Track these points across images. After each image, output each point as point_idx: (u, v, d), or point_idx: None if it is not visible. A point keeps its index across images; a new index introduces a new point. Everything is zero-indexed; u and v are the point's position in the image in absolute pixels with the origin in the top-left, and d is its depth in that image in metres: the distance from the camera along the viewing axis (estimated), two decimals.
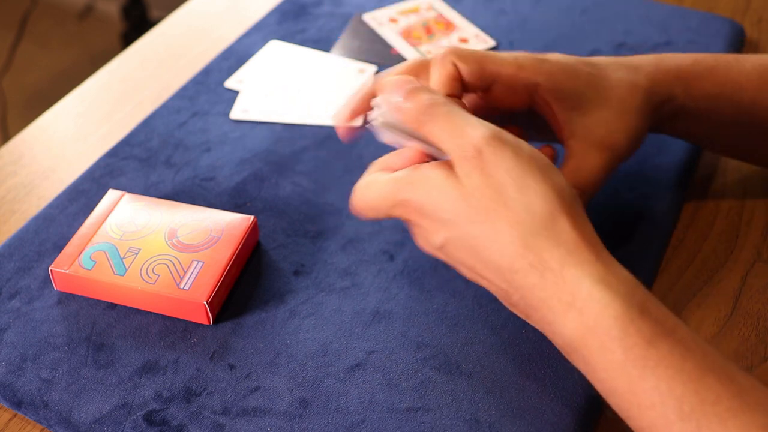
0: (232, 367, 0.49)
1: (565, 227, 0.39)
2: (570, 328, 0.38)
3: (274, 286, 0.54)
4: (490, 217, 0.40)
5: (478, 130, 0.41)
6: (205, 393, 0.47)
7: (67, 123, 0.71)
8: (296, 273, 0.54)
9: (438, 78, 0.48)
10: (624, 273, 0.39)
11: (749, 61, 0.53)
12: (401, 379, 0.48)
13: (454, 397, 0.46)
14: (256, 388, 0.48)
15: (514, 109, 0.51)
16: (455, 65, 0.48)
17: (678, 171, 0.61)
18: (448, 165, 0.42)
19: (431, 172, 0.42)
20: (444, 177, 0.41)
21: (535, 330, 0.49)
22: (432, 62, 0.49)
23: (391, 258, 0.55)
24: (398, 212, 0.44)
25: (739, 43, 0.74)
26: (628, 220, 0.57)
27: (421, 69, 0.50)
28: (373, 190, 0.45)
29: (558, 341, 0.40)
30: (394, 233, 0.56)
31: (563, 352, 0.41)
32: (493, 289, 0.43)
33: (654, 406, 0.36)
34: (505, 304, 0.43)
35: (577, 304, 0.38)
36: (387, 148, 0.65)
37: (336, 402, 0.47)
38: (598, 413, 0.47)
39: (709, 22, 0.76)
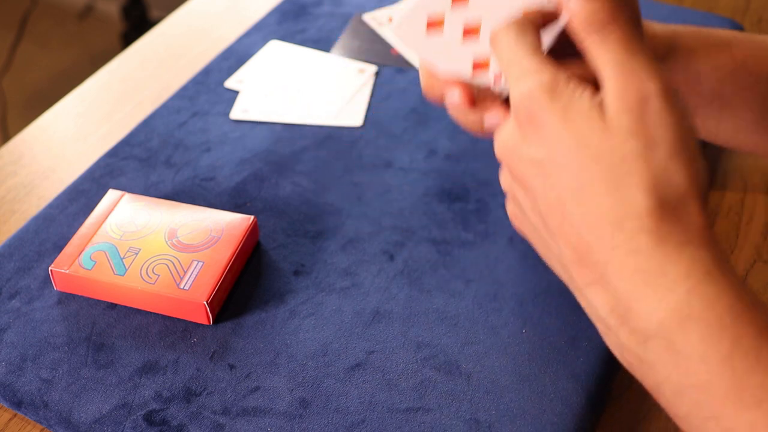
0: (232, 367, 0.49)
1: (695, 208, 0.35)
2: (667, 310, 0.34)
3: (274, 286, 0.54)
4: (624, 167, 0.35)
5: (655, 76, 0.36)
6: (205, 393, 0.47)
7: (67, 123, 0.71)
8: (296, 273, 0.54)
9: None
10: (733, 267, 0.36)
11: (760, 37, 0.53)
12: (401, 379, 0.48)
13: (454, 397, 0.47)
14: (256, 388, 0.48)
15: None
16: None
17: None
18: (596, 92, 0.37)
19: (578, 92, 0.36)
20: (590, 105, 0.36)
21: (535, 330, 0.49)
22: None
23: (391, 258, 0.55)
24: (512, 90, 0.38)
25: None
26: None
27: None
28: (513, 52, 0.38)
29: (636, 322, 0.35)
30: (394, 233, 0.57)
31: (630, 338, 0.36)
32: (561, 240, 0.37)
33: (760, 404, 0.32)
34: (563, 261, 0.38)
35: (689, 283, 0.34)
36: (386, 149, 0.65)
37: (336, 402, 0.47)
38: (598, 413, 0.47)
39: (709, 22, 0.76)
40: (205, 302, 0.50)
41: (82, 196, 0.61)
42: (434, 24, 0.42)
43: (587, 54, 0.38)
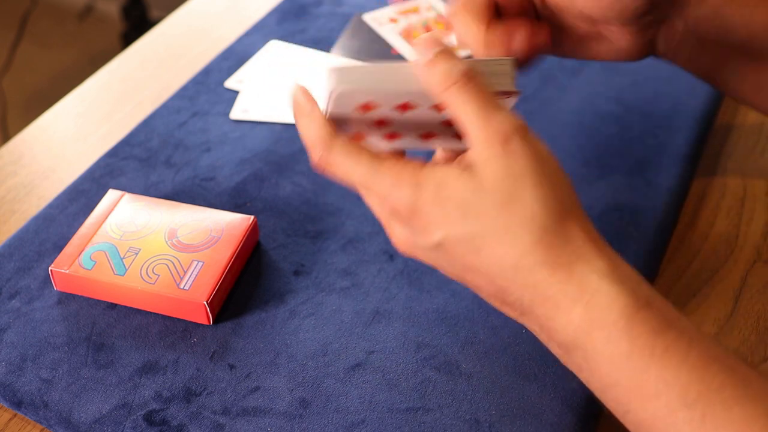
0: (232, 367, 0.49)
1: (574, 226, 0.39)
2: (575, 323, 0.38)
3: (274, 286, 0.54)
4: (503, 213, 0.39)
5: (509, 117, 0.39)
6: (205, 393, 0.47)
7: (67, 123, 0.71)
8: (296, 273, 0.54)
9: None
10: (629, 269, 0.40)
11: None
12: (401, 379, 0.48)
13: (454, 397, 0.46)
14: (256, 388, 0.48)
15: None
16: None
17: (678, 171, 0.61)
18: (459, 159, 0.41)
19: (441, 169, 0.40)
20: (458, 171, 0.40)
21: None
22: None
23: (391, 258, 0.55)
24: (385, 205, 0.42)
25: None
26: (629, 221, 0.57)
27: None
28: (356, 167, 0.41)
29: (558, 337, 0.40)
30: None
31: (559, 351, 0.41)
32: (485, 289, 0.42)
33: (659, 395, 0.36)
34: (494, 303, 0.42)
35: (584, 298, 0.38)
36: None
37: (336, 402, 0.47)
38: (598, 413, 0.47)
39: None
40: (205, 302, 0.50)
41: (82, 196, 0.61)
42: (366, 107, 0.44)
43: (446, 107, 0.41)
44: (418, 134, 0.45)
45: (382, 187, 0.41)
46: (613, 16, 0.48)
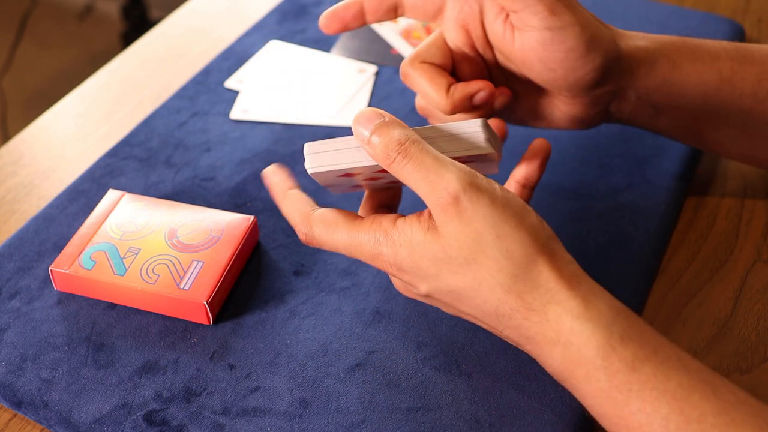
0: (232, 367, 0.49)
1: (543, 269, 0.40)
2: (557, 362, 0.40)
3: (274, 286, 0.54)
4: (471, 269, 0.41)
5: (454, 174, 0.40)
6: (205, 393, 0.47)
7: (67, 123, 0.71)
8: (296, 273, 0.54)
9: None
10: (605, 303, 0.40)
11: (721, 41, 0.53)
12: (401, 379, 0.48)
13: (454, 397, 0.47)
14: (256, 388, 0.48)
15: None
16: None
17: (678, 171, 0.61)
18: (422, 217, 0.42)
19: (409, 228, 0.42)
20: (423, 232, 0.41)
21: None
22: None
23: None
24: (375, 265, 0.44)
25: (739, 43, 0.74)
26: (628, 221, 0.57)
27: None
28: (344, 243, 0.44)
29: (549, 371, 0.42)
30: None
31: (557, 380, 0.42)
32: (482, 326, 0.44)
33: (641, 427, 0.37)
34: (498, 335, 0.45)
35: (561, 339, 0.39)
36: None
37: (336, 402, 0.47)
38: None
39: (709, 22, 0.76)
40: (205, 302, 0.50)
41: (82, 196, 0.61)
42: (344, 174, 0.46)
43: (398, 178, 0.42)
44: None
45: (365, 254, 0.44)
46: (565, 88, 0.49)
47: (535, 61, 0.48)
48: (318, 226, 0.45)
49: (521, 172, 0.48)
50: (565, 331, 0.39)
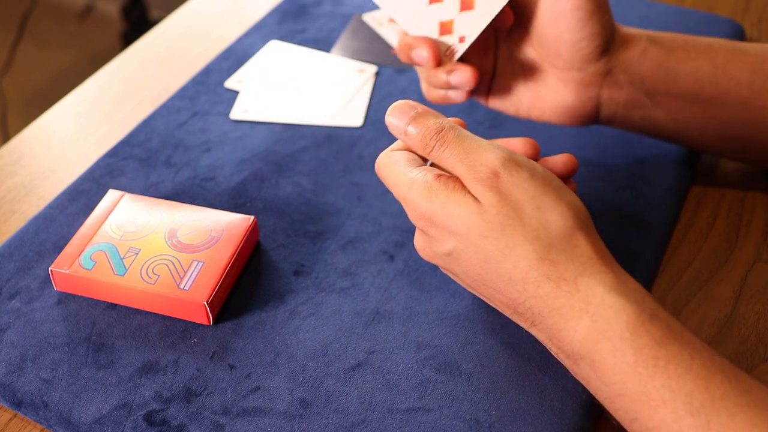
0: (232, 367, 0.49)
1: (580, 242, 0.41)
2: (582, 334, 0.40)
3: (274, 286, 0.54)
4: (506, 233, 0.41)
5: (493, 153, 0.42)
6: (205, 393, 0.47)
7: (67, 123, 0.71)
8: (296, 273, 0.54)
9: None
10: (635, 283, 0.41)
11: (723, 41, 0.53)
12: (401, 380, 0.48)
13: (454, 398, 0.47)
14: (256, 389, 0.48)
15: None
16: None
17: (678, 171, 0.61)
18: (461, 185, 0.43)
19: (448, 187, 0.43)
20: (461, 194, 0.42)
21: None
22: None
23: (391, 258, 0.55)
24: (407, 210, 0.45)
25: None
26: (628, 221, 0.57)
27: None
28: (393, 174, 0.45)
29: (566, 348, 0.41)
30: (394, 233, 0.57)
31: (568, 362, 0.42)
32: (497, 298, 0.44)
33: (665, 403, 0.37)
34: (507, 312, 0.45)
35: (591, 309, 0.40)
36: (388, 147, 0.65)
37: (336, 402, 0.47)
38: (598, 414, 0.47)
39: (709, 22, 0.76)
40: (205, 302, 0.50)
41: (82, 196, 0.61)
42: None
43: (438, 164, 0.44)
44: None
45: (400, 195, 0.45)
46: (564, 52, 0.51)
47: (540, 13, 0.50)
48: (383, 159, 0.47)
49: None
50: (596, 302, 0.39)
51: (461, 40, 0.52)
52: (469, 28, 0.51)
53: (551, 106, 0.54)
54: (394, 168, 0.45)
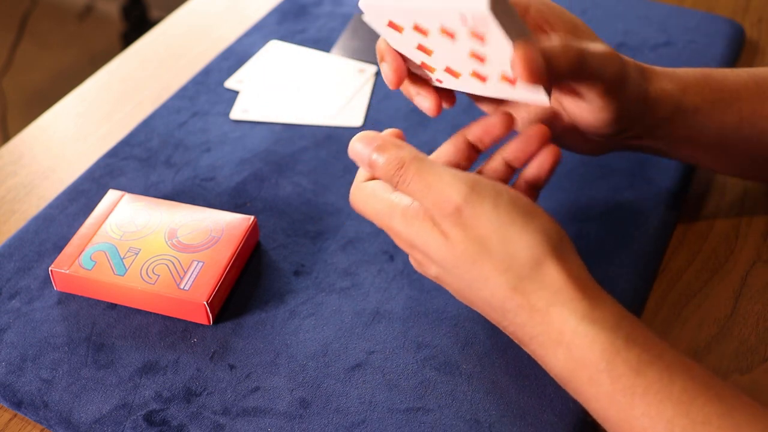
0: (232, 367, 0.49)
1: (550, 270, 0.40)
2: (560, 364, 0.40)
3: (274, 286, 0.54)
4: (477, 266, 0.41)
5: (454, 187, 0.41)
6: (205, 393, 0.47)
7: (67, 123, 0.71)
8: (296, 273, 0.54)
9: None
10: (610, 307, 0.40)
11: (743, 71, 0.53)
12: (401, 380, 0.48)
13: (454, 397, 0.46)
14: (256, 389, 0.48)
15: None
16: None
17: (678, 172, 0.61)
18: (432, 215, 0.43)
19: (420, 218, 0.43)
20: (431, 226, 0.42)
21: None
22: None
23: (391, 258, 0.55)
24: (392, 237, 0.46)
25: (739, 43, 0.74)
26: (628, 220, 0.57)
27: None
28: (371, 206, 0.45)
29: (551, 372, 0.42)
30: None
31: (557, 381, 0.42)
32: (489, 318, 0.44)
33: (645, 430, 0.37)
34: (502, 329, 0.45)
35: (565, 340, 0.39)
36: None
37: (336, 402, 0.47)
38: None
39: (709, 22, 0.76)
40: (205, 302, 0.50)
41: (82, 196, 0.61)
42: (395, 26, 0.45)
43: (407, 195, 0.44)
44: (470, 72, 0.45)
45: (383, 224, 0.45)
46: (585, 128, 0.49)
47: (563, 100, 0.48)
48: (357, 194, 0.46)
49: (531, 173, 0.47)
50: (569, 332, 0.39)
51: (439, 81, 0.48)
52: (470, 87, 0.47)
53: (568, 144, 0.53)
54: (370, 201, 0.45)
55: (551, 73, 0.42)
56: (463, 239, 0.41)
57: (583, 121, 0.48)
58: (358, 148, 0.45)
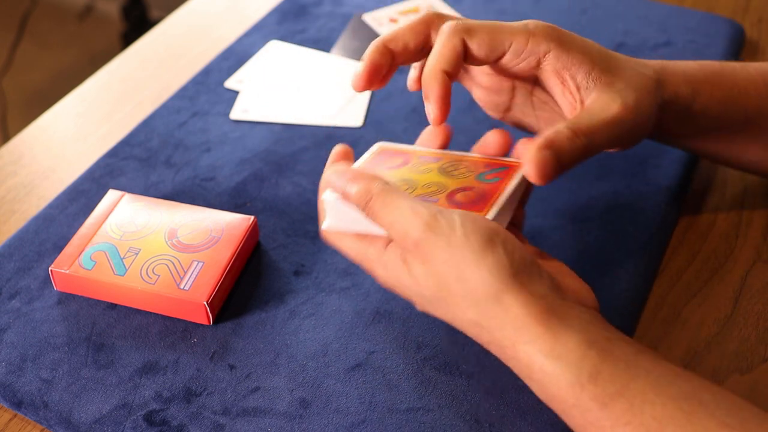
0: (232, 367, 0.49)
1: (510, 306, 0.40)
2: (536, 393, 0.41)
3: (274, 286, 0.54)
4: (443, 303, 0.42)
5: (412, 223, 0.41)
6: (206, 393, 0.47)
7: (67, 123, 0.71)
8: (296, 273, 0.54)
9: (441, 53, 0.47)
10: (575, 338, 0.39)
11: (753, 67, 0.53)
12: (401, 380, 0.48)
13: (454, 397, 0.46)
14: (257, 389, 0.48)
15: (519, 77, 0.51)
16: (463, 40, 0.47)
17: (678, 171, 0.61)
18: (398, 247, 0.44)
19: (391, 261, 0.43)
20: (401, 264, 0.43)
21: None
22: (438, 36, 0.48)
23: None
24: (373, 277, 0.46)
25: (739, 43, 0.74)
26: (628, 220, 0.57)
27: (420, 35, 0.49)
28: (345, 245, 0.46)
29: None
30: None
31: None
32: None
33: None
34: None
35: (534, 377, 0.40)
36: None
37: (336, 402, 0.47)
38: None
39: (709, 22, 0.76)
40: (205, 302, 0.50)
41: (82, 196, 0.61)
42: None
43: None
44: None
45: (364, 266, 0.46)
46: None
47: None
48: (332, 236, 0.47)
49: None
50: (537, 369, 0.40)
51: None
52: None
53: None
54: (346, 241, 0.46)
55: (563, 168, 0.44)
56: (425, 275, 0.42)
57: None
58: (332, 180, 0.45)
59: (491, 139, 0.49)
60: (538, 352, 0.39)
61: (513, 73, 0.50)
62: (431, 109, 0.48)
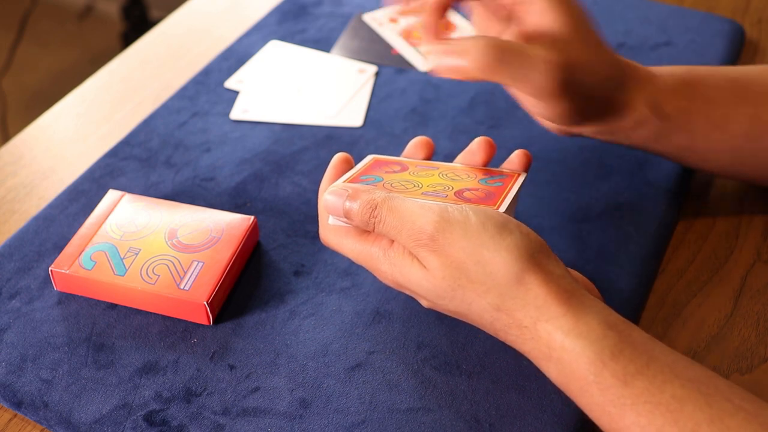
0: (232, 367, 0.49)
1: (531, 284, 0.41)
2: (553, 375, 0.41)
3: (274, 286, 0.54)
4: (458, 293, 0.42)
5: (425, 218, 0.42)
6: (206, 393, 0.47)
7: (67, 123, 0.71)
8: (296, 273, 0.54)
9: None
10: (596, 318, 0.40)
11: (724, 73, 0.53)
12: (401, 380, 0.48)
13: (454, 397, 0.47)
14: (257, 389, 0.48)
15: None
16: None
17: (678, 172, 0.61)
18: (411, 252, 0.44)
19: (401, 254, 0.44)
20: (410, 261, 0.44)
21: None
22: None
23: None
24: (378, 277, 0.47)
25: (739, 43, 0.74)
26: (628, 221, 0.57)
27: None
28: (346, 248, 0.47)
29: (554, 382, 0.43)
30: None
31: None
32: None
33: None
34: None
35: (554, 355, 0.40)
36: (386, 149, 0.65)
37: (336, 402, 0.47)
38: None
39: (709, 22, 0.76)
40: (205, 302, 0.50)
41: (82, 196, 0.61)
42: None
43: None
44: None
45: (368, 265, 0.46)
46: (541, 118, 0.53)
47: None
48: (331, 232, 0.48)
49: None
50: (557, 347, 0.40)
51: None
52: None
53: (542, 120, 0.54)
54: (347, 243, 0.47)
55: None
56: (441, 267, 0.42)
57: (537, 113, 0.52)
58: (331, 200, 0.46)
59: (476, 147, 0.51)
60: (559, 329, 0.40)
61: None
62: None
